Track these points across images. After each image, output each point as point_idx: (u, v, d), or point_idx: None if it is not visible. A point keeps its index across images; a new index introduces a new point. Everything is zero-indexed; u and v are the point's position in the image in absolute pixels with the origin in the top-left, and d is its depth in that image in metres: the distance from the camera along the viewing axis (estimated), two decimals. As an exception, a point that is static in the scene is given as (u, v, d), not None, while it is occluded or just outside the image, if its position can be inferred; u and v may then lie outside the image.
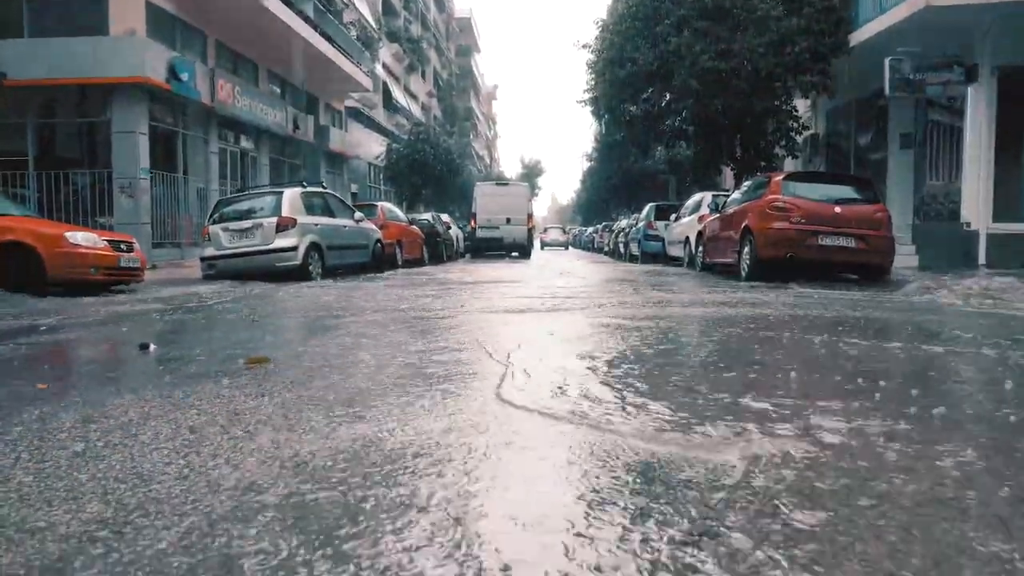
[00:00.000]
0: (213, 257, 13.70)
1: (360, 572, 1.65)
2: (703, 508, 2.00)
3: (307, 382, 3.83)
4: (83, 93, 18.82)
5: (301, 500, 2.12)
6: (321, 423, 2.96)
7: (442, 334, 5.78)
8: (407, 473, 2.35)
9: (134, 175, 18.27)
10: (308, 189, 14.85)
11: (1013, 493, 2.13)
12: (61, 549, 1.79)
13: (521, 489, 2.21)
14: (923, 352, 4.78)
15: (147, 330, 6.60)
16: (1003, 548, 1.75)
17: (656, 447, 2.58)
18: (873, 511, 1.97)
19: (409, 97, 51.09)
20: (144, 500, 2.12)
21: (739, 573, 1.62)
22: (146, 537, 1.85)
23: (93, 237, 10.90)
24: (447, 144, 41.09)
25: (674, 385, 3.64)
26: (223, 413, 3.15)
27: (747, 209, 12.75)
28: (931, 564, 1.67)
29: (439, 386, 3.67)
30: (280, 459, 2.51)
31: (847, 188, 12.83)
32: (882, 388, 3.57)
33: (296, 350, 5.21)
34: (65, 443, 2.73)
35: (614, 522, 1.91)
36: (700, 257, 16.06)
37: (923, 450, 2.55)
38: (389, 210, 20.93)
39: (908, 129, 18.30)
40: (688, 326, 6.44)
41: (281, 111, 26.42)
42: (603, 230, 40.60)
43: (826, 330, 5.79)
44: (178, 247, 20.66)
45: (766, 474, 2.28)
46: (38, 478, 2.34)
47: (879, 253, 11.77)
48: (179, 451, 2.61)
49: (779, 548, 1.75)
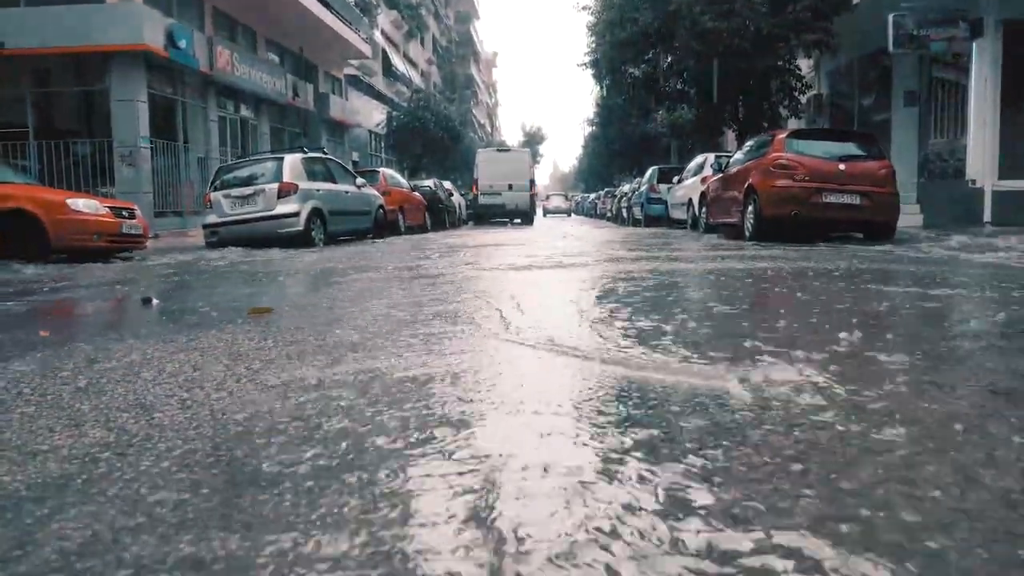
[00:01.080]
0: (215, 224, 13.63)
1: (372, 477, 1.65)
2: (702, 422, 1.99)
3: (310, 327, 3.82)
4: (81, 61, 18.65)
5: (308, 422, 2.11)
6: (326, 360, 2.95)
7: (446, 287, 5.76)
8: (413, 394, 2.34)
9: (134, 144, 18.17)
10: (309, 155, 14.75)
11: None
12: (63, 468, 1.79)
13: (517, 395, 2.20)
14: (929, 295, 4.75)
15: (150, 289, 6.59)
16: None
17: (651, 374, 2.56)
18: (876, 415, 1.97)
19: (409, 64, 50.69)
20: (147, 427, 2.11)
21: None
22: (149, 458, 1.85)
23: (95, 204, 10.86)
24: (448, 111, 40.83)
25: (675, 324, 3.62)
26: (227, 354, 3.14)
27: (751, 168, 12.64)
28: (949, 470, 1.66)
29: (442, 328, 3.66)
30: (286, 389, 2.50)
31: (851, 145, 12.68)
32: (888, 325, 3.55)
33: (300, 302, 5.20)
34: (67, 380, 2.72)
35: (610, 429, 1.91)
36: (704, 218, 15.95)
37: (930, 376, 2.53)
38: (391, 176, 20.81)
39: (912, 86, 18.09)
40: (690, 277, 6.42)
41: (280, 79, 26.22)
42: (605, 196, 40.43)
43: (831, 279, 5.76)
44: (180, 216, 20.60)
45: (772, 399, 2.27)
46: (40, 408, 2.34)
47: (884, 210, 11.66)
48: (183, 386, 2.60)
49: (790, 462, 1.74)
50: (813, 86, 21.61)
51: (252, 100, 25.14)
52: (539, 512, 1.45)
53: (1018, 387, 2.39)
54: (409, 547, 1.32)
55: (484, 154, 29.41)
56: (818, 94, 21.99)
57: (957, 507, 1.46)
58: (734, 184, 13.38)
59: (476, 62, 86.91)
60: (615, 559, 1.26)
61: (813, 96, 21.81)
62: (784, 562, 1.23)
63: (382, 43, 41.53)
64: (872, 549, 1.27)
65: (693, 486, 1.57)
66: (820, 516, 1.41)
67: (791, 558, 1.25)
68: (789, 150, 12.02)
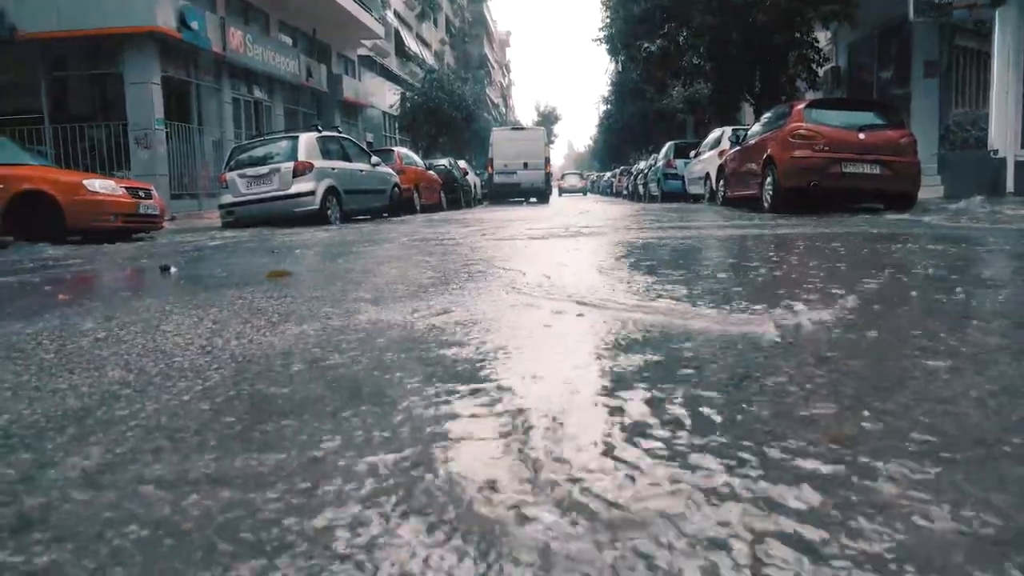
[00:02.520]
0: (231, 204, 13.63)
1: (395, 406, 1.62)
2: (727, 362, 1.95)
3: (329, 287, 3.80)
4: (94, 45, 18.65)
5: (328, 363, 2.08)
6: (345, 314, 2.92)
7: (462, 255, 5.72)
8: (430, 341, 2.31)
9: (149, 126, 18.20)
10: (324, 133, 14.71)
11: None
12: (83, 403, 1.77)
13: (534, 350, 2.17)
14: (950, 251, 4.67)
15: (168, 259, 6.58)
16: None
17: (667, 319, 2.52)
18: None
19: (422, 45, 50.49)
20: (166, 368, 2.09)
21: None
22: (169, 393, 1.82)
23: (111, 184, 10.87)
24: (461, 91, 40.63)
25: (692, 280, 3.56)
26: (245, 310, 3.12)
27: (769, 139, 12.49)
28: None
29: (457, 287, 3.63)
30: (305, 337, 2.48)
31: (871, 114, 12.49)
32: (908, 279, 3.48)
33: (318, 267, 5.18)
34: (86, 332, 2.71)
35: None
36: (721, 192, 15.80)
37: (962, 313, 2.48)
38: (406, 155, 20.74)
39: (932, 57, 17.82)
40: (708, 243, 6.35)
41: (294, 60, 26.17)
42: (621, 174, 40.20)
43: (851, 241, 5.68)
44: (196, 198, 20.64)
45: (797, 341, 2.22)
46: (59, 355, 2.32)
47: (905, 180, 11.50)
48: (202, 335, 2.58)
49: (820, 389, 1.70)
50: (831, 59, 21.34)
51: (266, 82, 25.11)
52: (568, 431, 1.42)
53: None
54: (437, 450, 1.29)
55: (499, 133, 29.28)
56: (836, 67, 21.71)
57: (996, 421, 1.41)
58: (752, 156, 13.24)
59: (489, 42, 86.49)
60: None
61: (831, 69, 21.54)
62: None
63: (395, 24, 41.36)
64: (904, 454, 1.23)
65: (706, 407, 1.53)
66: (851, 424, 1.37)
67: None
68: (808, 120, 11.86)
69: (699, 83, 25.49)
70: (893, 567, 0.92)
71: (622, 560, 0.95)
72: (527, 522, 1.06)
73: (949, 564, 0.92)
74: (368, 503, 1.14)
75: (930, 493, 1.11)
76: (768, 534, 1.00)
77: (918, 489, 1.12)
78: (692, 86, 26.73)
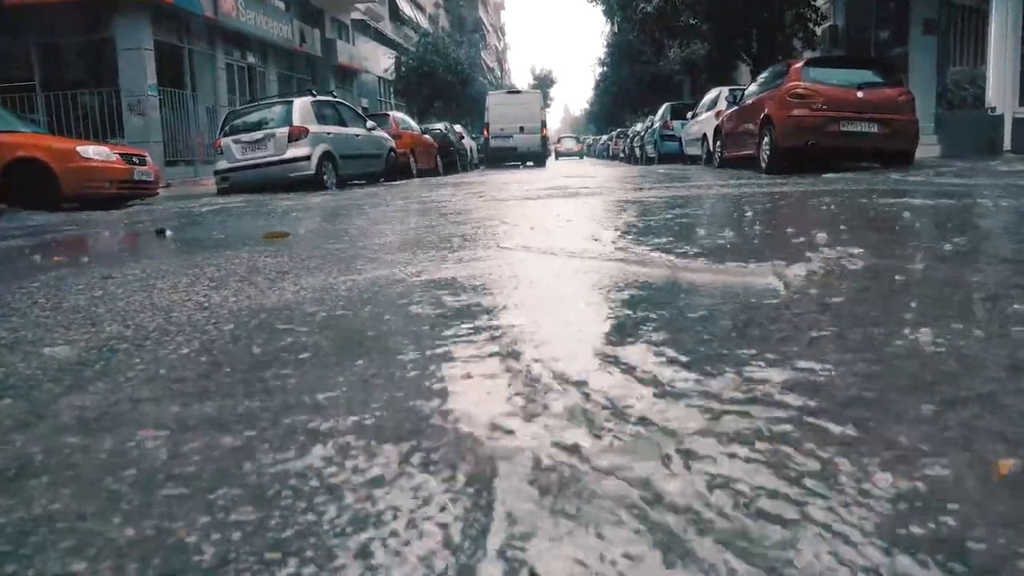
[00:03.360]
0: (226, 170, 13.53)
1: (398, 351, 1.62)
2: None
3: (327, 245, 3.78)
4: (85, 10, 18.40)
5: (329, 312, 2.08)
6: (344, 269, 2.91)
7: (459, 214, 5.69)
8: (431, 289, 2.30)
9: (142, 92, 18.02)
10: (319, 98, 14.58)
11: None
12: (80, 356, 1.77)
13: (531, 288, 2.16)
14: (943, 204, 4.65)
15: (163, 223, 6.55)
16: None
17: (679, 273, 2.51)
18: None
19: (416, 8, 49.92)
20: (165, 323, 2.08)
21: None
22: (166, 347, 1.82)
23: (105, 151, 10.79)
24: (457, 55, 40.24)
25: (695, 234, 3.55)
26: (243, 268, 3.11)
27: (766, 98, 12.39)
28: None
29: (460, 244, 3.61)
30: (304, 291, 2.47)
31: (869, 72, 12.39)
32: (903, 228, 3.47)
33: (316, 229, 5.16)
34: (83, 291, 2.70)
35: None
36: (719, 153, 15.70)
37: (957, 251, 2.47)
38: (402, 119, 20.59)
39: (930, 15, 17.64)
40: (707, 200, 6.32)
41: (287, 24, 25.86)
42: (617, 137, 39.98)
43: (850, 196, 5.65)
44: (191, 165, 20.51)
45: (800, 288, 2.22)
46: (56, 312, 2.31)
47: (903, 138, 11.43)
48: (199, 292, 2.57)
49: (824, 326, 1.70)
50: (829, 17, 21.13)
51: (259, 47, 24.84)
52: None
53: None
54: (427, 383, 1.29)
55: (495, 97, 29.04)
56: (833, 25, 21.50)
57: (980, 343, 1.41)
58: (749, 116, 13.15)
59: (484, 5, 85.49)
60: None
61: (828, 28, 21.34)
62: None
63: (388, -13, 40.85)
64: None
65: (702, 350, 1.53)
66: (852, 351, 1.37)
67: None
68: (805, 79, 11.76)
69: (696, 43, 25.27)
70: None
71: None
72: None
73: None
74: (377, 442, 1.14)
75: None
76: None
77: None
78: (689, 47, 26.50)
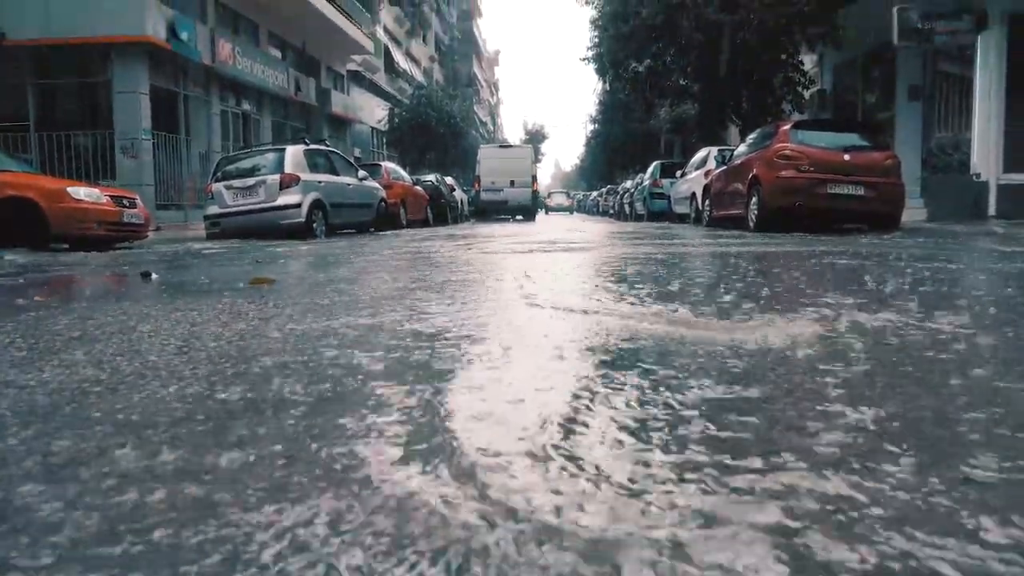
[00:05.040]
0: (217, 215, 13.53)
1: (375, 405, 1.58)
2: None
3: (313, 294, 3.75)
4: (83, 53, 18.55)
5: (309, 361, 2.04)
6: (328, 317, 2.88)
7: (448, 266, 5.69)
8: (418, 339, 2.27)
9: (136, 135, 18.10)
10: (311, 146, 14.67)
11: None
12: (52, 400, 1.72)
13: (521, 327, 2.14)
14: (930, 266, 4.67)
15: (149, 266, 6.51)
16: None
17: (650, 325, 2.50)
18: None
19: (411, 61, 50.60)
20: (141, 368, 2.04)
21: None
22: (141, 392, 1.78)
23: (95, 192, 10.78)
24: (450, 108, 40.70)
25: (676, 291, 3.54)
26: (226, 313, 3.07)
27: (754, 159, 12.55)
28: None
29: (445, 293, 3.59)
30: (286, 337, 2.43)
31: (856, 136, 12.60)
32: (887, 290, 3.47)
33: (303, 276, 5.13)
34: (61, 332, 2.65)
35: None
36: (707, 212, 15.84)
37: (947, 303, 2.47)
38: (393, 170, 20.69)
39: (916, 81, 17.98)
40: (692, 259, 6.34)
41: (282, 73, 26.14)
42: (607, 193, 40.37)
43: (834, 257, 5.69)
44: (181, 209, 20.51)
45: (785, 345, 2.20)
46: (32, 353, 2.27)
47: (889, 201, 11.56)
48: (179, 337, 2.53)
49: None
50: (817, 81, 21.54)
51: (254, 94, 25.08)
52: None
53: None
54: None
55: (486, 150, 29.32)
56: (822, 89, 21.90)
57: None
58: (738, 176, 13.30)
59: (478, 60, 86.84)
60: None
61: (817, 91, 21.73)
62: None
63: (384, 40, 41.45)
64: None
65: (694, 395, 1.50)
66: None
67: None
68: (793, 140, 11.94)
69: (686, 103, 25.68)
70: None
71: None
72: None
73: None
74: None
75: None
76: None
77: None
78: (679, 107, 26.93)
